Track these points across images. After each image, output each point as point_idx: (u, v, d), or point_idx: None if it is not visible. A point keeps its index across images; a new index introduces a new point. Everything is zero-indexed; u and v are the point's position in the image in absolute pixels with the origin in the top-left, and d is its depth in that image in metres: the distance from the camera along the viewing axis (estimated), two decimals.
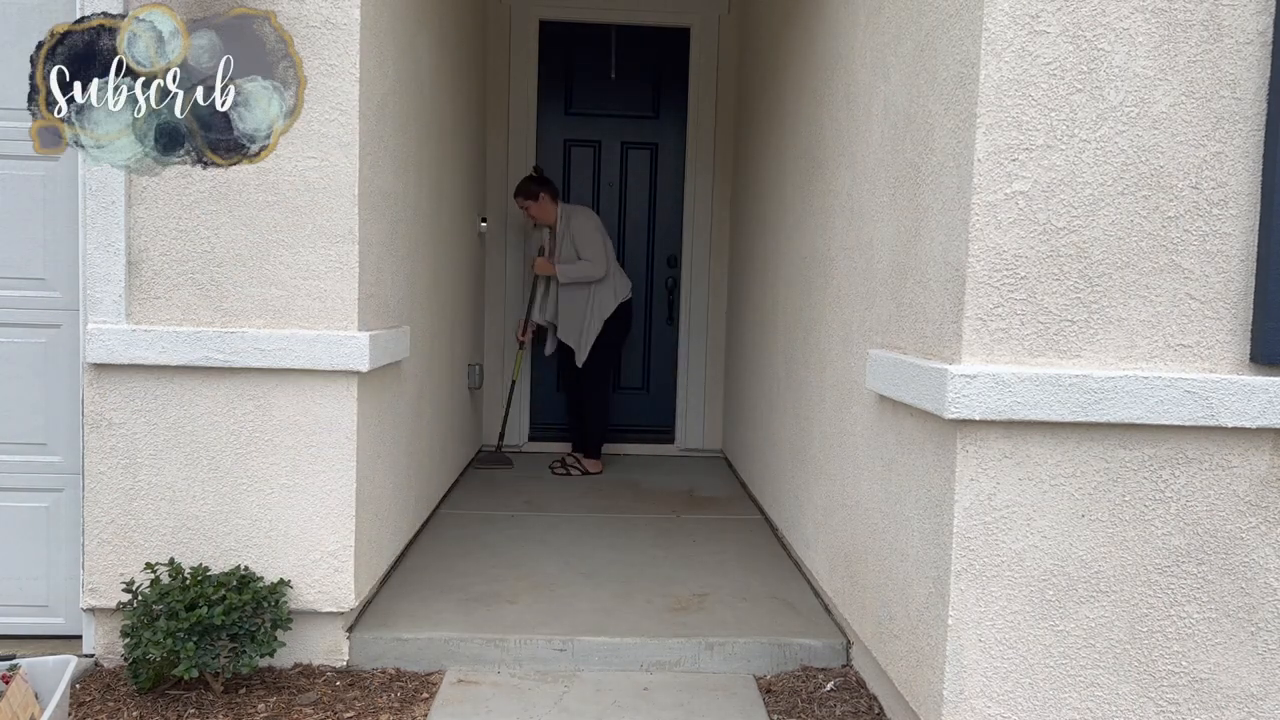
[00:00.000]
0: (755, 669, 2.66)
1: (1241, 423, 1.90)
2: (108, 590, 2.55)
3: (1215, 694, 1.97)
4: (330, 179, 2.51)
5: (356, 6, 2.48)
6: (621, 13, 5.34)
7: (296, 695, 2.45)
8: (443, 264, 3.94)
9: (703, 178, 5.44)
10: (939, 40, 2.07)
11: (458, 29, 4.16)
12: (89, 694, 2.43)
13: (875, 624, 2.40)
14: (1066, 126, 1.88)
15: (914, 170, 2.20)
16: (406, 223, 3.16)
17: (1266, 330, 1.89)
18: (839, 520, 2.77)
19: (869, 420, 2.48)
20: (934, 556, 2.02)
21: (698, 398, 5.52)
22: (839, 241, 2.85)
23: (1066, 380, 1.88)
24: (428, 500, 3.76)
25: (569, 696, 2.47)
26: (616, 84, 5.46)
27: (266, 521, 2.55)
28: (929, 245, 2.10)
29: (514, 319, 5.47)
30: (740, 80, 5.23)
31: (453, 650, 2.63)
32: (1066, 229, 1.90)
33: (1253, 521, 1.95)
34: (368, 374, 2.62)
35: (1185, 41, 1.88)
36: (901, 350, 2.25)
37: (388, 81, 2.82)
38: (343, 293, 2.53)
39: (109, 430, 2.52)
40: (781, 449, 3.67)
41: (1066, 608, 1.95)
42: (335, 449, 2.54)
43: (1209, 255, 1.92)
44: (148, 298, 2.51)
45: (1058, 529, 1.94)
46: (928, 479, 2.07)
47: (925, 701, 2.06)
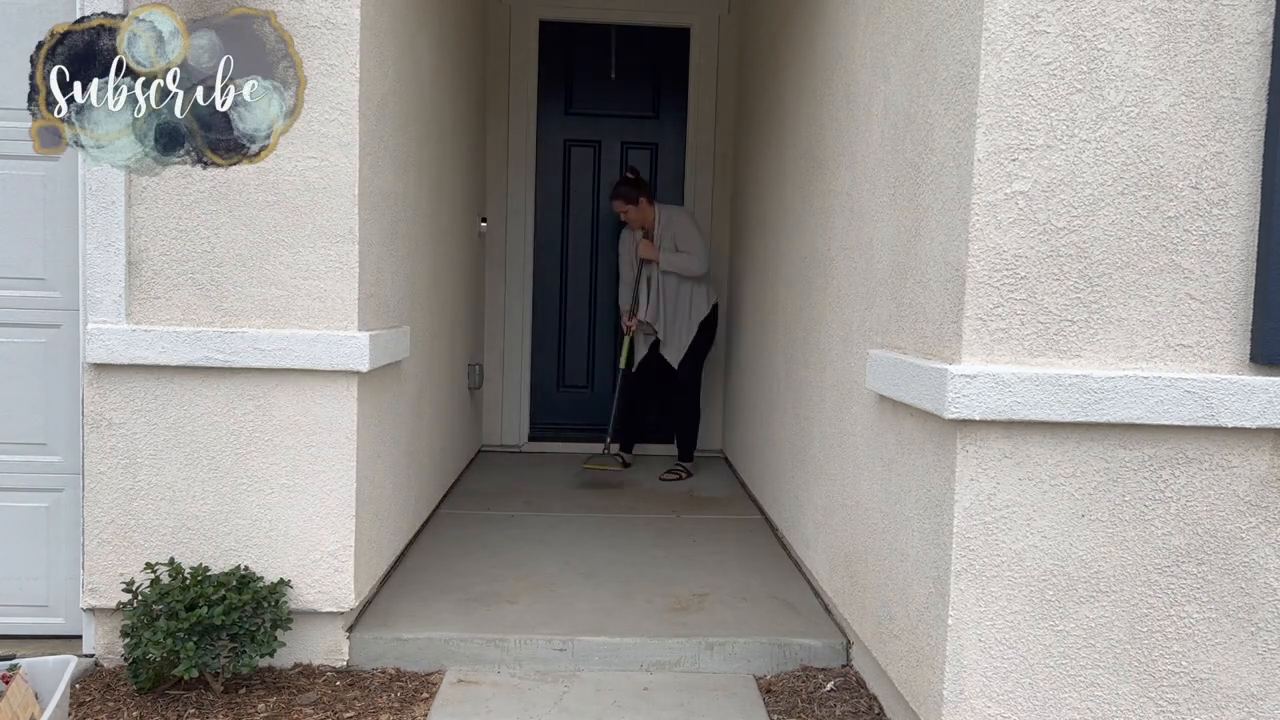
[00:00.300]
0: (755, 669, 2.66)
1: (1241, 423, 1.90)
2: (108, 590, 2.54)
3: (1215, 694, 1.97)
4: (330, 179, 2.51)
5: (356, 6, 2.48)
6: (621, 13, 5.34)
7: (296, 695, 2.45)
8: (443, 264, 3.94)
9: (703, 178, 5.44)
10: (939, 40, 2.07)
11: (458, 29, 4.16)
12: (89, 694, 2.43)
13: (875, 624, 2.40)
14: (1066, 126, 1.88)
15: (914, 170, 2.20)
16: (406, 223, 3.16)
17: (1266, 330, 1.89)
18: (839, 520, 2.77)
19: (869, 420, 2.48)
20: (934, 556, 2.02)
21: None
22: (839, 241, 2.85)
23: (1066, 380, 1.88)
24: (428, 500, 3.76)
25: (569, 696, 2.47)
26: (616, 84, 5.46)
27: (266, 521, 2.55)
28: (929, 245, 2.10)
29: (515, 319, 5.47)
30: (740, 80, 5.23)
31: (453, 650, 2.63)
32: (1066, 229, 1.90)
33: (1253, 521, 1.95)
34: (368, 374, 2.62)
35: (1185, 41, 1.88)
36: (901, 350, 2.25)
37: (388, 81, 2.82)
38: (343, 293, 2.53)
39: (109, 430, 2.52)
40: (781, 449, 3.67)
41: (1066, 608, 1.95)
42: (335, 449, 2.54)
43: (1209, 255, 1.92)
44: (148, 298, 2.51)
45: (1058, 529, 1.94)
46: (928, 479, 2.07)
47: (925, 701, 2.06)
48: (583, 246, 5.55)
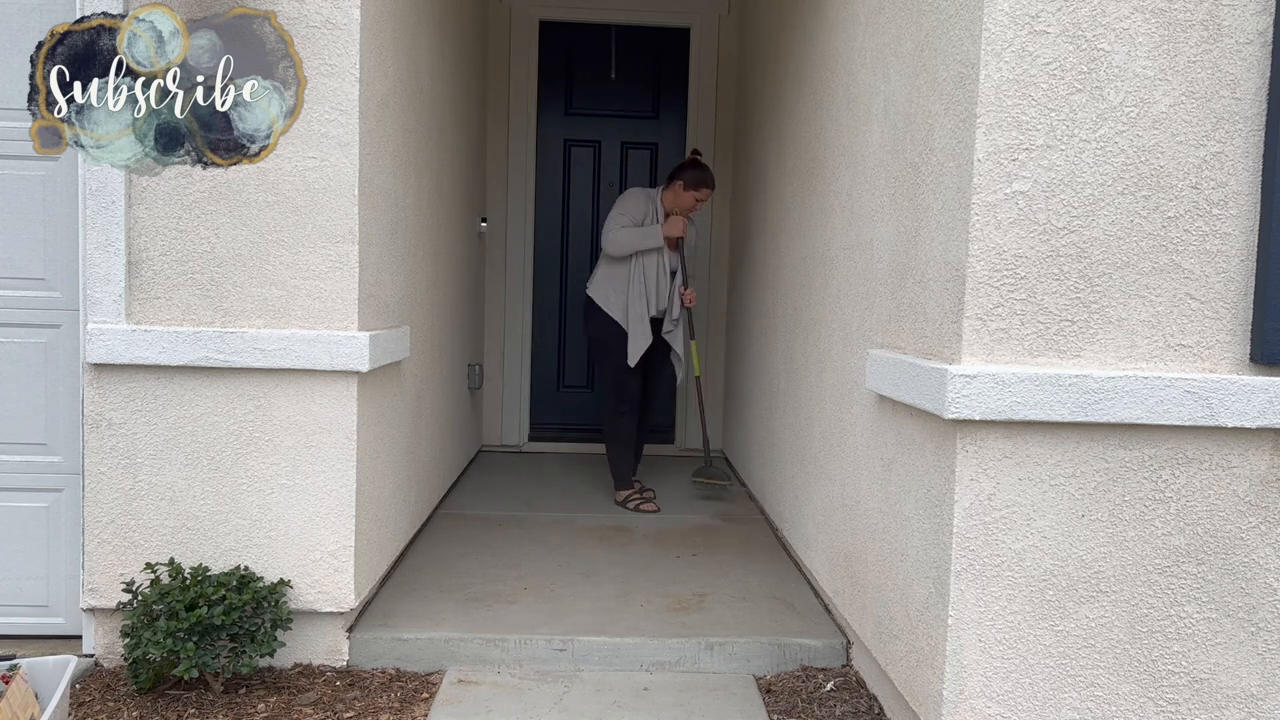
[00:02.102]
0: (755, 669, 2.66)
1: (1241, 423, 1.90)
2: (108, 590, 2.54)
3: (1215, 694, 1.97)
4: (330, 179, 2.51)
5: (356, 6, 2.48)
6: (621, 13, 5.34)
7: (296, 695, 2.45)
8: (443, 264, 3.94)
9: None
10: (939, 40, 2.07)
11: (458, 29, 4.16)
12: (89, 694, 2.43)
13: (875, 624, 2.40)
14: (1066, 126, 1.88)
15: (914, 170, 2.20)
16: (406, 223, 3.16)
17: (1266, 330, 1.89)
18: (839, 520, 2.77)
19: (869, 420, 2.48)
20: (934, 556, 2.02)
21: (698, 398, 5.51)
22: (839, 241, 2.85)
23: (1066, 380, 1.88)
24: (428, 500, 3.76)
25: (569, 696, 2.47)
26: (616, 84, 5.46)
27: (266, 521, 2.55)
28: (929, 245, 2.10)
29: (515, 319, 5.47)
30: (740, 80, 5.23)
31: (453, 650, 2.63)
32: (1066, 229, 1.90)
33: (1253, 521, 1.95)
34: (368, 374, 2.62)
35: (1185, 41, 1.88)
36: (901, 350, 2.25)
37: (388, 81, 2.82)
38: (343, 293, 2.53)
39: (109, 430, 2.52)
40: (781, 449, 3.67)
41: (1066, 608, 1.95)
42: (335, 449, 2.54)
43: (1209, 255, 1.92)
44: (148, 298, 2.51)
45: (1058, 529, 1.94)
46: (927, 479, 2.07)
47: (925, 701, 2.06)
48: (583, 246, 5.55)
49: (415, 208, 3.30)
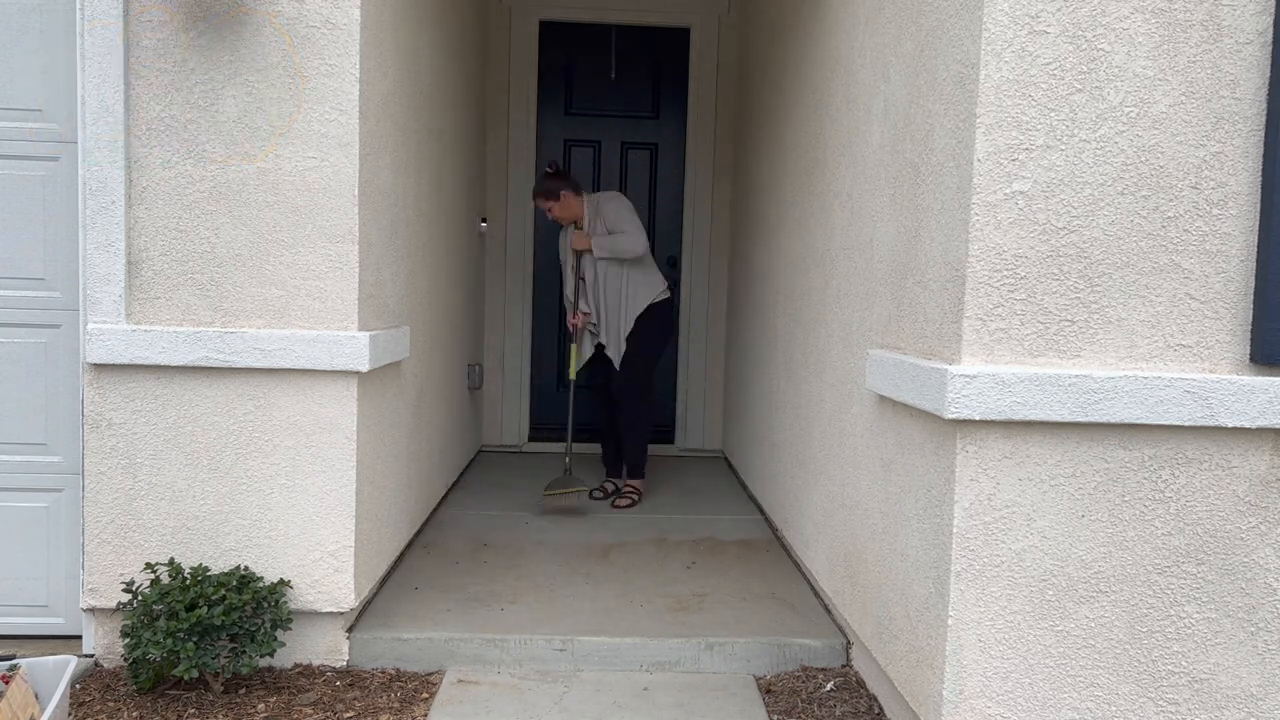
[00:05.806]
0: (755, 669, 2.66)
1: (1241, 423, 1.90)
2: (108, 590, 2.55)
3: (1215, 694, 1.97)
4: (330, 179, 2.51)
5: (356, 6, 2.48)
6: (621, 13, 5.35)
7: (296, 695, 2.45)
8: (443, 264, 3.94)
9: (703, 178, 5.44)
10: (939, 40, 2.07)
11: (458, 29, 4.16)
12: (89, 694, 2.43)
13: (875, 624, 2.40)
14: (1066, 126, 1.88)
15: (914, 170, 2.20)
16: (406, 223, 3.16)
17: (1266, 330, 1.89)
18: (839, 520, 2.77)
19: (869, 420, 2.48)
20: (934, 556, 2.02)
21: (698, 398, 5.52)
22: (839, 241, 2.85)
23: (1066, 380, 1.88)
24: (428, 500, 3.76)
25: (569, 696, 2.47)
26: (616, 84, 5.46)
27: (266, 522, 2.55)
28: (929, 245, 2.10)
29: (515, 319, 5.47)
30: (740, 80, 5.23)
31: (453, 650, 2.63)
32: (1066, 229, 1.90)
33: (1253, 521, 1.95)
34: (368, 374, 2.63)
35: (1185, 41, 1.88)
36: (901, 350, 2.25)
37: (388, 81, 2.82)
38: (343, 293, 2.53)
39: (109, 430, 2.52)
40: (781, 449, 3.67)
41: (1066, 608, 1.95)
42: (335, 449, 2.54)
43: (1209, 255, 1.92)
44: (148, 298, 2.52)
45: (1057, 529, 1.94)
46: (927, 479, 2.07)
47: (925, 701, 2.06)
48: None
49: (415, 208, 3.30)
